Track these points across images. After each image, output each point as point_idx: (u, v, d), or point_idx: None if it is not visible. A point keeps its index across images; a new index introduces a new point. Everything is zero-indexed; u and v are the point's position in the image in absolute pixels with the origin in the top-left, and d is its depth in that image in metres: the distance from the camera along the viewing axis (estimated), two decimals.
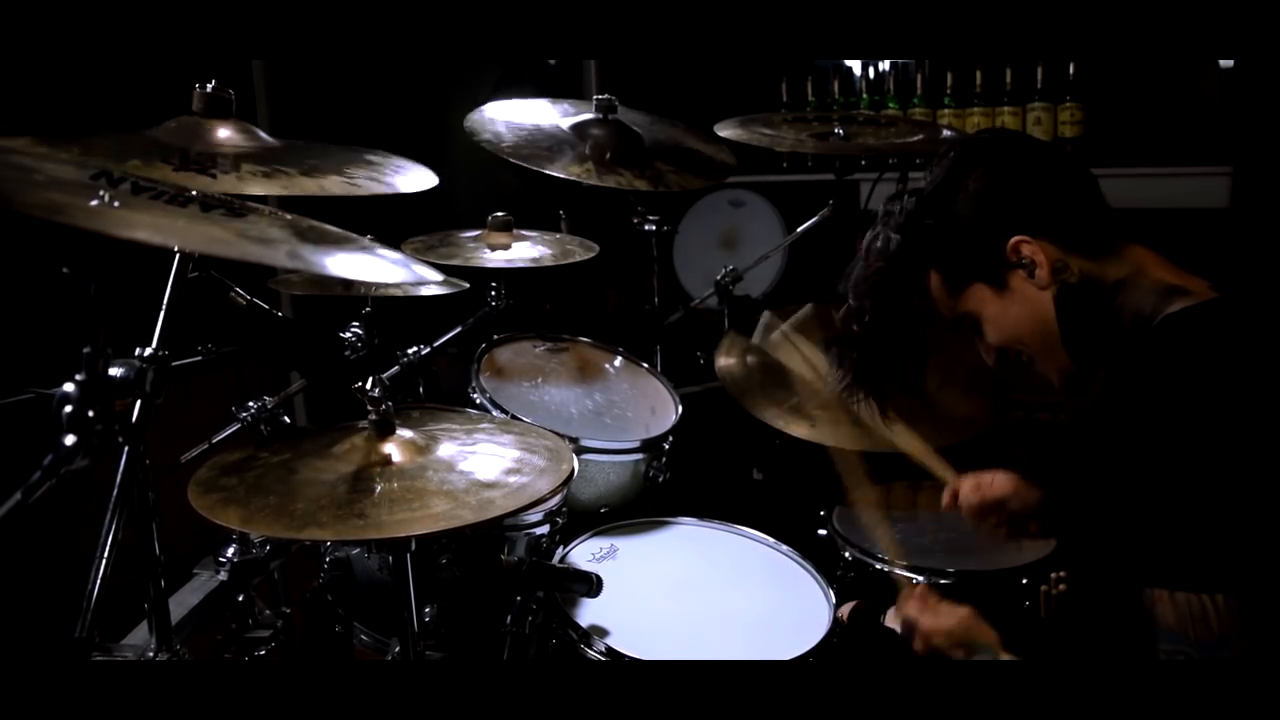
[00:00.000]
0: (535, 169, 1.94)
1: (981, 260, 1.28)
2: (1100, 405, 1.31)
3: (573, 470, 1.37)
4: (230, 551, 1.55)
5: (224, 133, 1.30)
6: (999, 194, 1.26)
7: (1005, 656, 1.28)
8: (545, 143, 2.04)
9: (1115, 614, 1.20)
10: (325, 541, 1.64)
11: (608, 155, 2.02)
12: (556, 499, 1.69)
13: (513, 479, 1.29)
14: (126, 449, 1.11)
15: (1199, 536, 1.06)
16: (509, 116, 2.10)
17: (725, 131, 2.23)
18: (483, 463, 1.33)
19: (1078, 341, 1.27)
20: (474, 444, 1.39)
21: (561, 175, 1.95)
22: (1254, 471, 1.05)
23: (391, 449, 1.31)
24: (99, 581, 1.07)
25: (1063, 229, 1.24)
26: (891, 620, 1.62)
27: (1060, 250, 1.23)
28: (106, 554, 1.08)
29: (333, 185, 1.26)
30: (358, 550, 1.67)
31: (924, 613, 1.38)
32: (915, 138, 2.30)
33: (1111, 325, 1.23)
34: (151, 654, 1.22)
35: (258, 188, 1.20)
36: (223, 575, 1.55)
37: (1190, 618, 1.05)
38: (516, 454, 1.37)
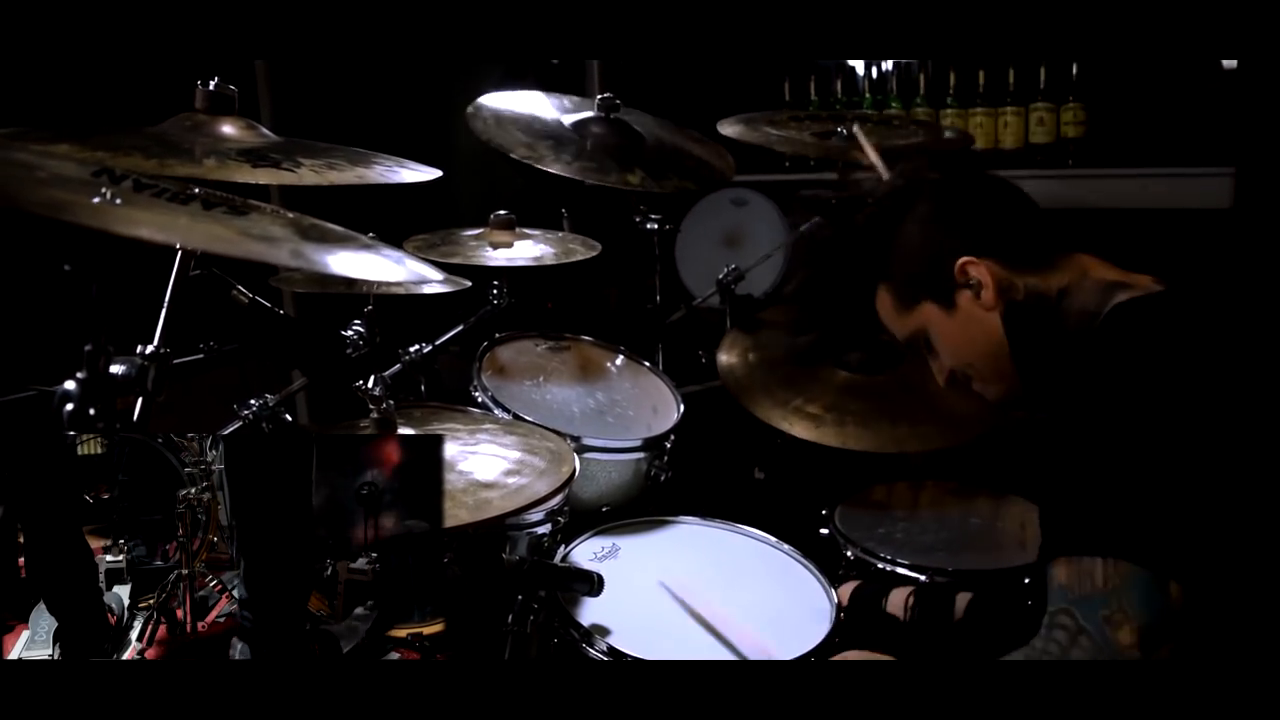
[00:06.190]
0: (539, 167, 1.93)
1: (930, 279, 1.32)
2: (1056, 402, 1.29)
3: (573, 472, 1.37)
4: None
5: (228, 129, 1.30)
6: (944, 220, 1.32)
7: None
8: (545, 136, 2.04)
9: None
10: None
11: (609, 154, 2.02)
12: (557, 499, 1.69)
13: (511, 480, 1.29)
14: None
15: (1133, 505, 1.05)
16: (510, 106, 2.09)
17: (728, 129, 2.23)
18: (483, 463, 1.33)
19: (1027, 356, 1.30)
20: (475, 444, 1.39)
21: (570, 176, 1.94)
22: (1198, 452, 1.05)
23: None
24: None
25: (1006, 249, 1.28)
26: (893, 606, 1.61)
27: (1005, 269, 1.27)
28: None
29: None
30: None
31: None
32: (918, 138, 2.32)
33: (1058, 331, 1.26)
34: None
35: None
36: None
37: (1079, 575, 1.04)
38: (517, 455, 1.37)
